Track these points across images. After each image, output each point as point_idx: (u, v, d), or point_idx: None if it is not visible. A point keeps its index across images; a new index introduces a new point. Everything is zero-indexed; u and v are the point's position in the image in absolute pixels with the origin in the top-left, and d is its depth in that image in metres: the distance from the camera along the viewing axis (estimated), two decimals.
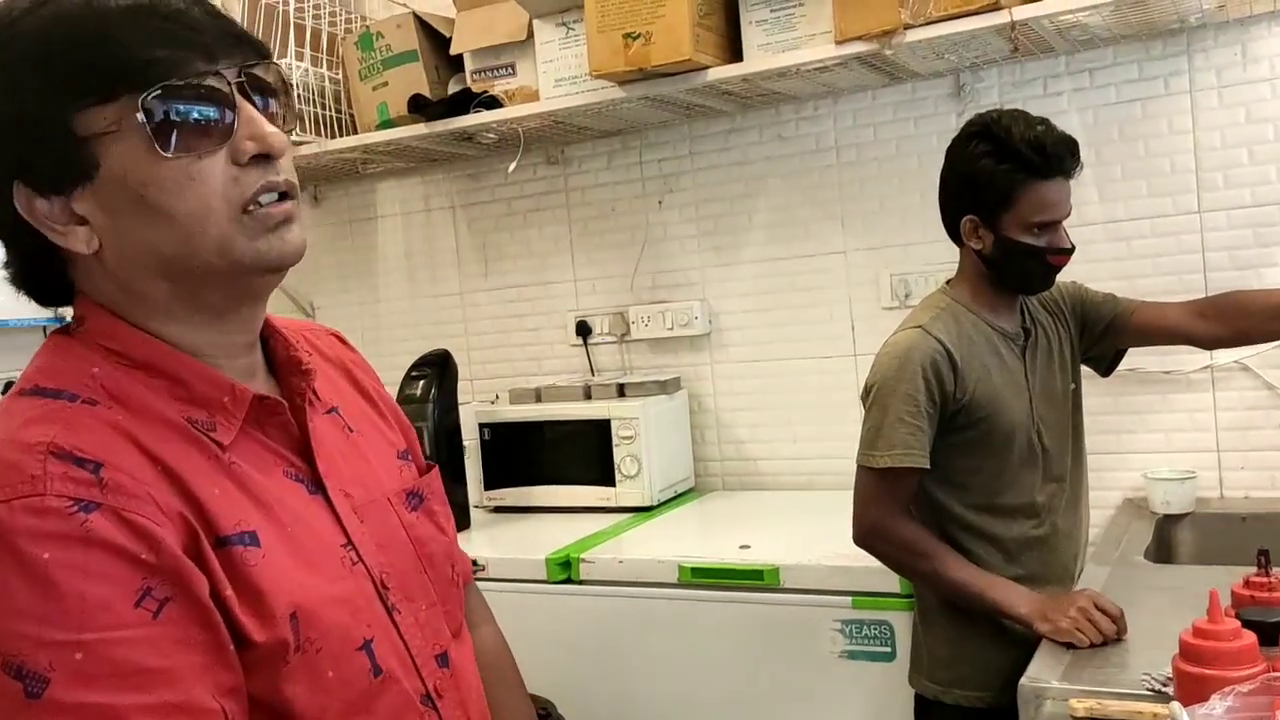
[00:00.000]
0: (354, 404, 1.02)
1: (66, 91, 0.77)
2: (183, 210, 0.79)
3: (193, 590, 0.76)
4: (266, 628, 0.79)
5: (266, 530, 0.82)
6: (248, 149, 0.80)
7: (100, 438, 0.77)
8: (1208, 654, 1.13)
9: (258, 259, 0.82)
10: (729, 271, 2.71)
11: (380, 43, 2.68)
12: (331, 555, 0.87)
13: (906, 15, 2.04)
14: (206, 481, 0.80)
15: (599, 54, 2.25)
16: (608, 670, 2.13)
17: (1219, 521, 2.16)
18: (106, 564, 0.72)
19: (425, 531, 0.98)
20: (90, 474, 0.74)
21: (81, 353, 0.83)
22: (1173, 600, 1.63)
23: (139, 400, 0.81)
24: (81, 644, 0.70)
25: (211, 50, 0.79)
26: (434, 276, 3.09)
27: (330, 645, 0.82)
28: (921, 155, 2.47)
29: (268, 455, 0.87)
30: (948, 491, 1.71)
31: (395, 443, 1.04)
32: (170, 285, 0.82)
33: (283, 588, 0.81)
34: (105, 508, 0.73)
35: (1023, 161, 1.64)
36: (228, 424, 0.84)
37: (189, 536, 0.77)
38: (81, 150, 0.78)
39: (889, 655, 1.89)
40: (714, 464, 2.76)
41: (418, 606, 0.93)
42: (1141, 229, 2.29)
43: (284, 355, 0.93)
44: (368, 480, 0.95)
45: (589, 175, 2.86)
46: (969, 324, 1.72)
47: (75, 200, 0.80)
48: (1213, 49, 2.22)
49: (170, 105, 0.77)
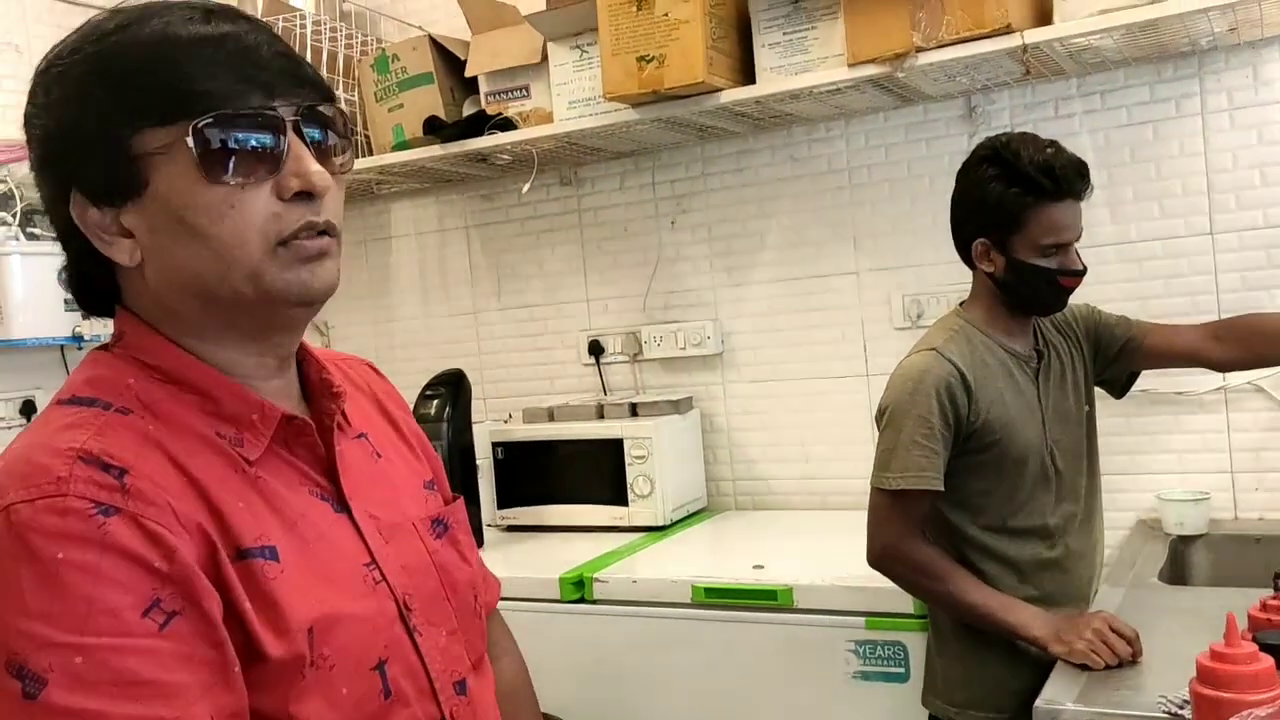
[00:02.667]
0: (382, 432, 1.03)
1: (128, 110, 0.80)
2: (218, 236, 0.81)
3: (203, 606, 0.76)
4: (283, 641, 0.79)
5: (288, 545, 0.83)
6: (292, 185, 0.82)
7: (130, 445, 0.78)
8: (1225, 678, 1.13)
9: (285, 290, 0.83)
10: (741, 291, 2.72)
11: (396, 65, 2.70)
12: (354, 573, 0.87)
13: (919, 38, 2.06)
14: (231, 494, 0.81)
15: (613, 76, 2.27)
16: (621, 690, 2.13)
17: (1233, 543, 2.16)
18: (119, 569, 0.73)
19: (449, 559, 0.98)
20: (115, 479, 0.75)
21: (119, 365, 0.85)
22: (1187, 622, 1.63)
23: (171, 413, 0.83)
24: (83, 648, 0.70)
25: (272, 86, 0.82)
26: (448, 296, 3.11)
27: (345, 663, 0.82)
28: (933, 176, 2.48)
29: (294, 474, 0.88)
30: (961, 513, 1.71)
31: (421, 472, 1.04)
32: (203, 305, 0.84)
33: (301, 602, 0.81)
34: (125, 513, 0.74)
35: (1032, 184, 1.65)
36: (255, 440, 0.85)
37: (206, 550, 0.77)
38: (134, 167, 0.81)
39: (903, 676, 1.89)
40: (726, 484, 2.76)
41: (439, 632, 0.93)
42: (1154, 250, 2.30)
43: (317, 379, 0.95)
44: (394, 504, 0.96)
45: (602, 196, 2.87)
46: (982, 346, 1.73)
47: (124, 214, 0.83)
48: (1224, 71, 2.23)
49: (220, 134, 0.79)
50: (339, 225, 0.86)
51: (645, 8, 2.21)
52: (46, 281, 2.70)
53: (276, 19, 2.64)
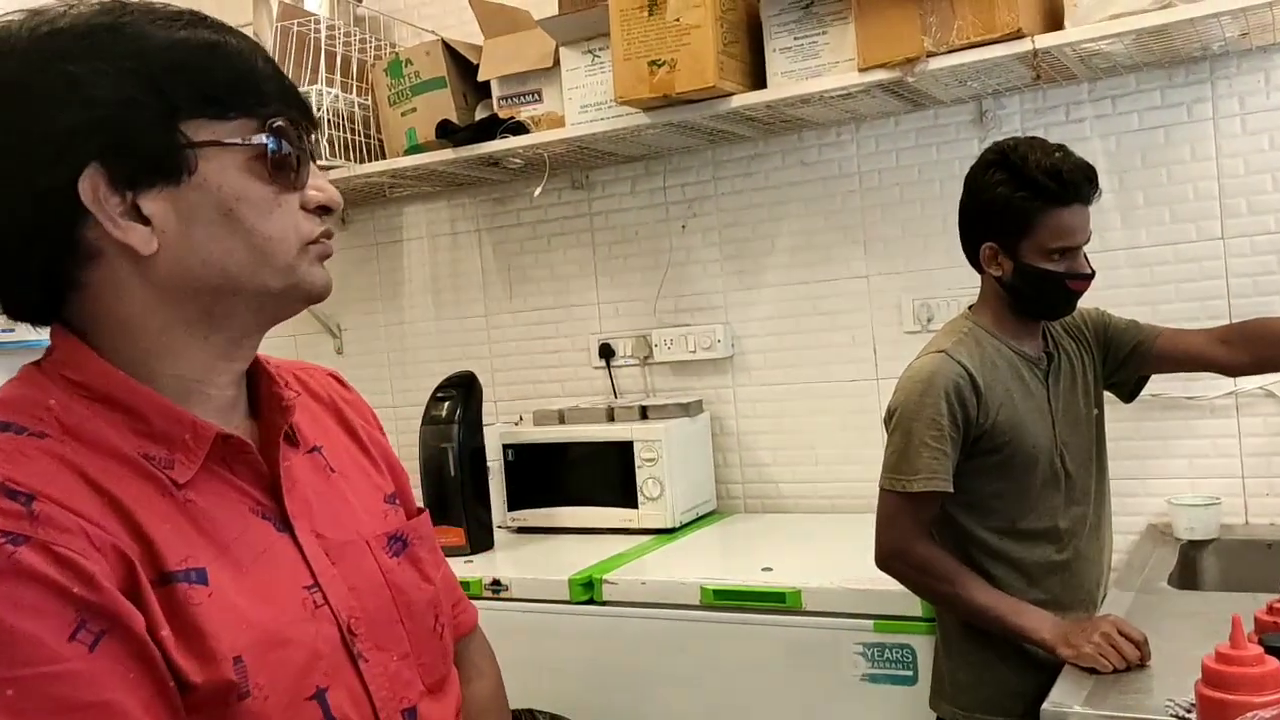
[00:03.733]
0: (340, 445, 1.00)
1: (186, 97, 0.79)
2: (263, 231, 0.83)
3: (128, 626, 0.73)
4: (206, 669, 0.76)
5: (220, 568, 0.80)
6: (314, 198, 0.87)
7: (41, 470, 0.75)
8: (1231, 679, 1.13)
9: (313, 285, 0.88)
10: (751, 295, 2.73)
11: (409, 69, 2.72)
12: (293, 596, 0.84)
13: (929, 43, 2.06)
14: (156, 517, 0.78)
15: (624, 81, 2.29)
16: (629, 691, 2.14)
17: (1244, 548, 2.15)
18: (37, 597, 0.70)
19: (406, 578, 0.95)
20: (22, 506, 0.72)
21: (44, 384, 0.82)
22: (1196, 627, 1.62)
23: (94, 434, 0.79)
24: (15, 680, 0.68)
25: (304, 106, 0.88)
26: (459, 299, 3.12)
27: (278, 693, 0.79)
28: (943, 181, 2.48)
29: (233, 493, 0.85)
30: (970, 515, 1.71)
31: (382, 486, 1.01)
32: (210, 301, 0.83)
33: (229, 628, 0.78)
34: (35, 541, 0.71)
35: (1039, 189, 1.65)
36: (188, 460, 0.82)
37: (125, 572, 0.74)
38: (181, 153, 0.79)
39: (910, 679, 1.89)
40: (736, 486, 2.77)
41: (388, 656, 0.89)
42: (1164, 255, 2.30)
43: (266, 391, 0.93)
44: (345, 522, 0.93)
45: (613, 200, 2.89)
46: (992, 349, 1.73)
47: (147, 198, 0.79)
48: (1236, 76, 2.23)
49: (282, 139, 0.84)
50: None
51: (657, 13, 2.23)
52: None
53: (291, 23, 2.67)
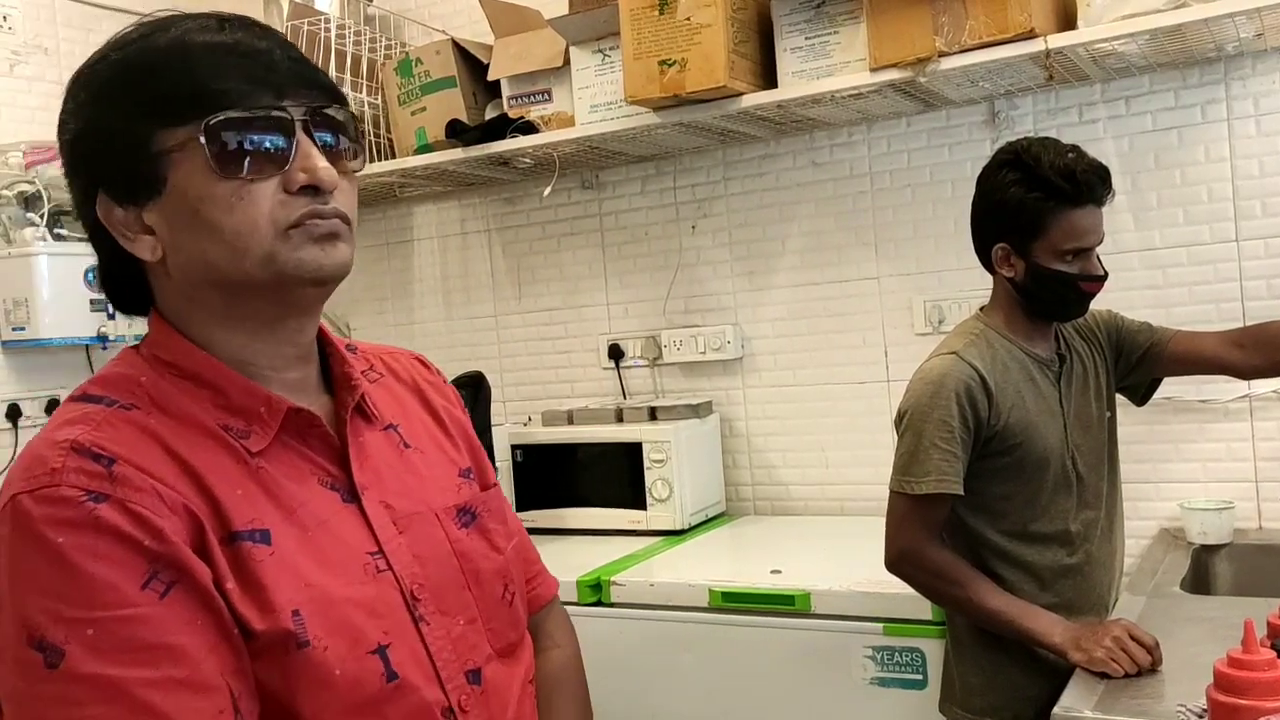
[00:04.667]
0: (418, 422, 1.06)
1: (148, 113, 0.85)
2: (229, 226, 0.85)
3: (195, 577, 0.80)
4: (266, 618, 0.82)
5: (283, 531, 0.87)
6: (298, 179, 0.86)
7: (125, 438, 0.83)
8: (1242, 684, 1.12)
9: (299, 269, 0.87)
10: (762, 296, 2.72)
11: (419, 69, 2.72)
12: (354, 560, 0.90)
13: (941, 43, 2.05)
14: (229, 483, 0.86)
15: (634, 80, 2.28)
16: (637, 693, 2.13)
17: (1257, 553, 2.14)
18: (114, 549, 0.78)
19: (474, 548, 1.00)
20: (104, 468, 0.80)
21: (138, 364, 0.91)
22: (1209, 631, 1.61)
23: (178, 407, 0.88)
24: (94, 620, 0.76)
25: (282, 88, 0.86)
26: (469, 299, 3.12)
27: (337, 646, 0.85)
28: (955, 182, 2.47)
29: (303, 464, 0.92)
30: (981, 518, 1.70)
31: (458, 461, 1.07)
32: (221, 295, 0.89)
33: (287, 584, 0.84)
34: (113, 499, 0.79)
35: (1052, 189, 1.64)
36: (262, 432, 0.90)
37: (194, 530, 0.82)
38: (154, 166, 0.85)
39: (920, 683, 1.88)
40: (745, 488, 2.76)
41: (453, 621, 0.94)
42: (1178, 257, 2.28)
43: (338, 371, 0.99)
44: (415, 494, 0.98)
45: (623, 200, 2.88)
46: (1003, 350, 1.72)
47: (146, 212, 0.87)
48: (1250, 77, 2.21)
49: (230, 132, 0.84)
50: (351, 218, 0.90)
51: (667, 12, 2.22)
52: (73, 282, 2.73)
53: (301, 22, 2.67)
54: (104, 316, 2.79)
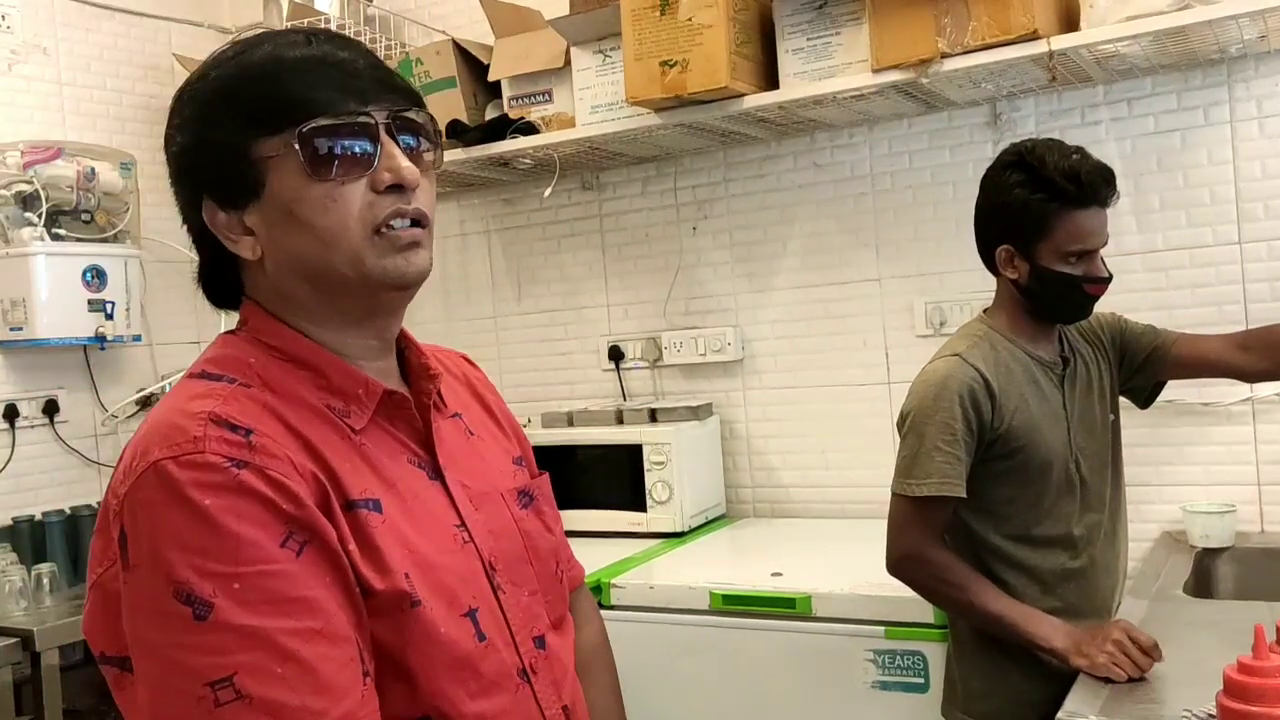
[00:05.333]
0: (475, 413, 1.15)
1: (247, 123, 0.92)
2: (322, 225, 0.92)
3: (325, 538, 0.87)
4: (385, 579, 0.89)
5: (388, 502, 0.94)
6: (384, 179, 0.93)
7: (252, 411, 0.90)
8: (1253, 690, 1.11)
9: (384, 275, 0.94)
10: (762, 298, 2.71)
11: (419, 69, 2.71)
12: (445, 532, 0.98)
13: (944, 44, 2.04)
14: (340, 456, 0.93)
15: (635, 81, 2.27)
16: (637, 696, 2.11)
17: (1260, 556, 2.13)
18: (256, 510, 0.84)
19: (533, 527, 1.08)
20: (242, 438, 0.87)
21: (243, 346, 0.98)
22: (1211, 635, 1.60)
23: (287, 387, 0.95)
24: (239, 575, 0.82)
25: (365, 94, 0.93)
26: (468, 300, 3.11)
27: (439, 607, 0.92)
28: (957, 184, 2.46)
29: (394, 443, 0.99)
30: (984, 521, 1.69)
31: (511, 450, 1.16)
32: (313, 290, 0.96)
33: (397, 550, 0.91)
34: (253, 466, 0.86)
35: (1057, 190, 1.63)
36: (361, 412, 0.97)
37: (322, 496, 0.89)
38: (254, 172, 0.93)
39: (922, 686, 1.87)
40: (746, 490, 2.75)
41: (521, 591, 1.02)
42: (1181, 259, 2.27)
43: (416, 362, 1.06)
44: (484, 476, 1.06)
45: (624, 201, 2.87)
46: (1007, 353, 1.71)
47: (247, 214, 0.95)
48: (1254, 79, 2.20)
49: (322, 138, 0.91)
50: (430, 216, 0.97)
51: (669, 12, 2.21)
52: (71, 282, 2.71)
53: (302, 22, 2.66)
54: (102, 317, 2.78)
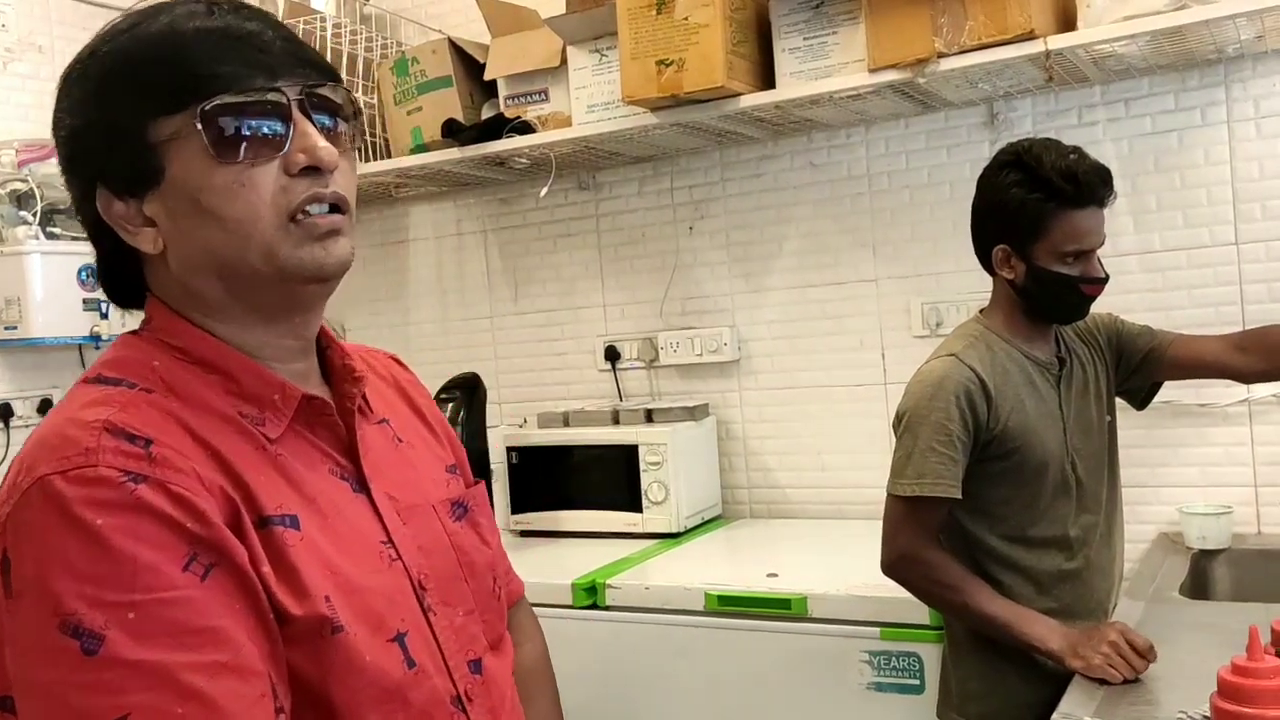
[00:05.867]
0: (405, 418, 1.06)
1: (143, 103, 0.84)
2: (231, 214, 0.84)
3: (235, 559, 0.79)
4: (303, 604, 0.82)
5: (307, 518, 0.86)
6: (299, 161, 0.85)
7: (153, 420, 0.82)
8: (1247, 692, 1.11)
9: (300, 267, 0.86)
10: (759, 298, 2.70)
11: (415, 68, 2.71)
12: (371, 549, 0.90)
13: (940, 44, 2.04)
14: (253, 468, 0.85)
15: (632, 80, 2.27)
16: (632, 697, 2.12)
17: (1256, 558, 2.12)
18: (155, 530, 0.76)
19: (468, 541, 1.01)
20: (141, 449, 0.78)
21: (146, 348, 0.89)
22: (1208, 637, 1.60)
23: (194, 392, 0.86)
24: (134, 604, 0.74)
25: (275, 69, 0.85)
26: (464, 300, 3.10)
27: (363, 632, 0.85)
28: (954, 184, 2.46)
29: (314, 453, 0.92)
30: (979, 522, 1.69)
31: (444, 457, 1.08)
32: (224, 286, 0.88)
33: (317, 571, 0.84)
34: (153, 480, 0.77)
35: (1054, 190, 1.63)
36: (276, 419, 0.89)
37: (231, 512, 0.81)
38: (152, 157, 0.84)
39: (918, 688, 1.87)
40: (742, 491, 2.75)
41: (455, 612, 0.95)
42: (1178, 260, 2.27)
43: (339, 364, 0.98)
44: (414, 487, 0.99)
45: (620, 201, 2.87)
46: (1003, 353, 1.71)
47: (146, 203, 0.86)
48: (1251, 80, 2.20)
49: (226, 117, 0.83)
50: (350, 201, 0.89)
51: (665, 12, 2.21)
52: (66, 281, 2.71)
53: (297, 21, 2.65)
54: (97, 316, 2.77)
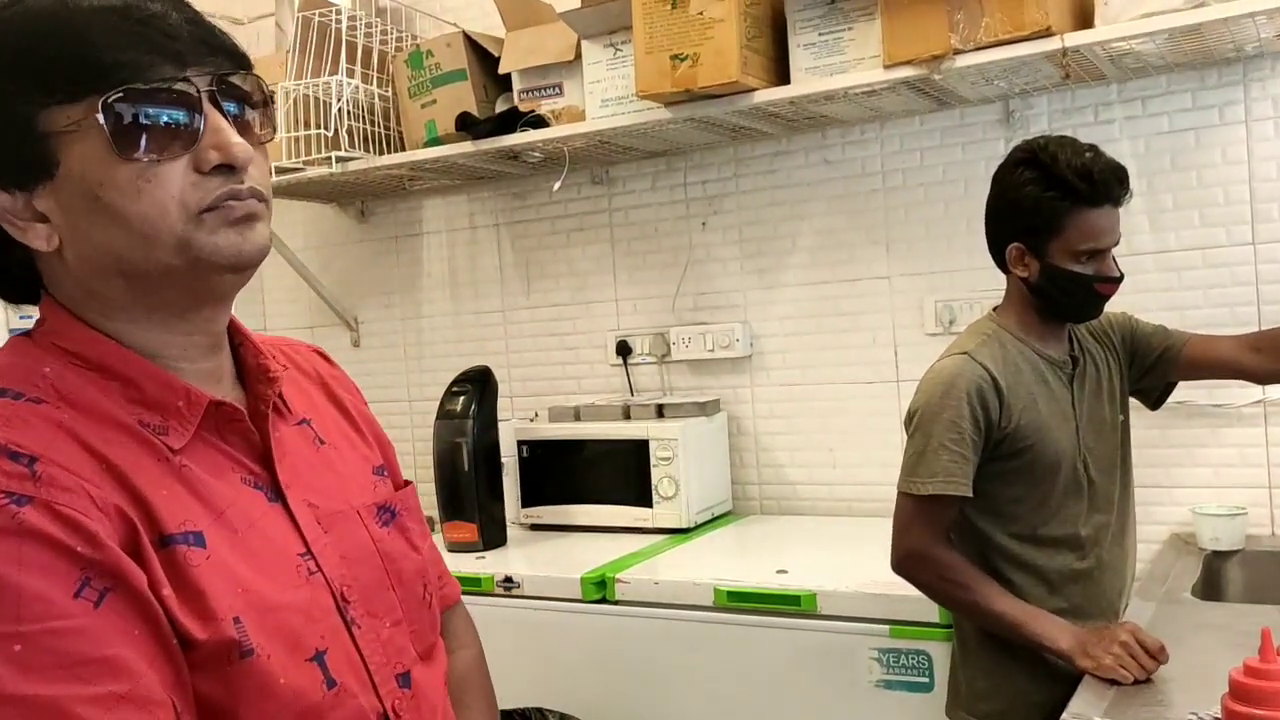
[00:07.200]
0: (328, 418, 1.01)
1: (32, 89, 0.77)
2: (136, 212, 0.78)
3: (131, 584, 0.74)
4: (209, 627, 0.77)
5: (214, 533, 0.81)
6: (211, 159, 0.79)
7: (40, 434, 0.76)
8: (1259, 694, 1.10)
9: (216, 254, 0.80)
10: (771, 294, 2.70)
11: (430, 61, 2.71)
12: (286, 563, 0.85)
13: (956, 40, 2.03)
14: (153, 483, 0.79)
15: (646, 75, 2.26)
16: (640, 691, 2.12)
17: (1270, 560, 2.11)
18: (41, 556, 0.71)
19: (395, 548, 0.96)
20: (25, 467, 0.73)
21: (36, 353, 0.83)
22: (1219, 638, 1.59)
23: (89, 401, 0.80)
24: (21, 635, 0.69)
25: (183, 56, 0.79)
26: (477, 294, 3.11)
27: (279, 653, 0.80)
28: (969, 181, 2.45)
29: (224, 461, 0.86)
30: (991, 520, 1.68)
31: (370, 458, 1.02)
32: (127, 285, 0.82)
33: (226, 590, 0.79)
34: (38, 501, 0.72)
35: (1069, 189, 1.62)
36: (181, 428, 0.83)
37: (127, 532, 0.76)
38: (43, 147, 0.77)
39: (927, 686, 1.86)
40: (752, 487, 2.74)
41: (381, 623, 0.91)
42: (1193, 260, 2.26)
43: (253, 363, 0.92)
44: (335, 492, 0.93)
45: (633, 196, 2.86)
46: (1015, 351, 1.70)
47: (37, 197, 0.80)
48: (1269, 78, 2.18)
49: (131, 108, 0.76)
50: (268, 194, 0.84)
51: (680, 6, 2.20)
52: None
53: (313, 14, 2.66)
54: None
